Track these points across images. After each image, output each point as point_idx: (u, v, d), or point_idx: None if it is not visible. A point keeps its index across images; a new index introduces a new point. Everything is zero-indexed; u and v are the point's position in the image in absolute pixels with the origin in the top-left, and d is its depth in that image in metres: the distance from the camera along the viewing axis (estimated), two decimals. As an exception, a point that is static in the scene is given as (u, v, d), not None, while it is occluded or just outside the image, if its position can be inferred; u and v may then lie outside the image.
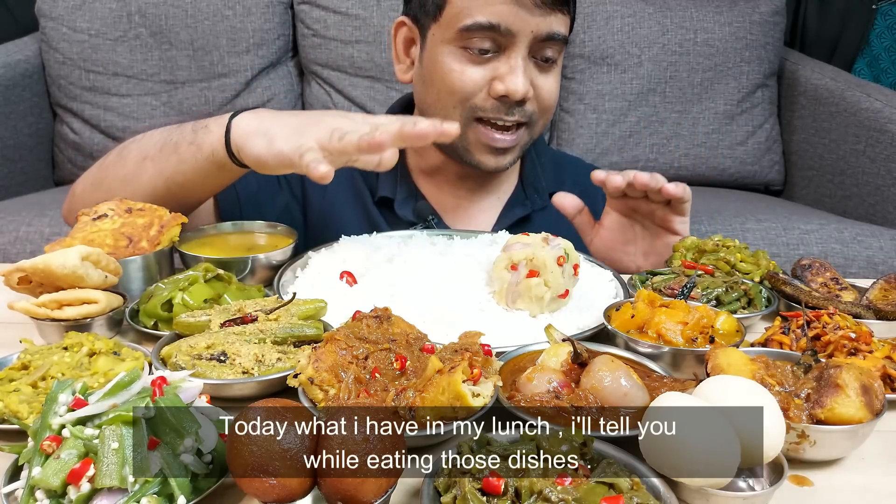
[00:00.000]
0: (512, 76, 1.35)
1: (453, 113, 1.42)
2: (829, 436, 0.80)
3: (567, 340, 0.93)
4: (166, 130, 1.33)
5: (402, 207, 1.54)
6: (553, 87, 1.44)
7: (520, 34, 1.33)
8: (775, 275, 1.25)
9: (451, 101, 1.41)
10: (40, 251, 1.11)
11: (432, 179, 1.60)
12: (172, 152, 1.28)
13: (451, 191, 1.60)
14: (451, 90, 1.40)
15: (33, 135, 2.90)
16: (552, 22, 1.35)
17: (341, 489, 0.65)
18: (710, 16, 3.01)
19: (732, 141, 3.05)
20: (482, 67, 1.38)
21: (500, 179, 1.62)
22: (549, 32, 1.36)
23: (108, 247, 1.19)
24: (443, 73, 1.40)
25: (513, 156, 1.48)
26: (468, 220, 1.59)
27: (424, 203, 1.57)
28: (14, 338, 1.01)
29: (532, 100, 1.41)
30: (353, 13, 2.92)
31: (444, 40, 1.39)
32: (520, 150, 1.48)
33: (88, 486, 0.67)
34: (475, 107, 1.40)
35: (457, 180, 1.59)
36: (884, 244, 2.37)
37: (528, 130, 1.46)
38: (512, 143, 1.44)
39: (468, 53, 1.37)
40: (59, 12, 2.86)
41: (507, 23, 1.33)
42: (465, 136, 1.44)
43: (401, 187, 1.56)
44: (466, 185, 1.59)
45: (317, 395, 0.84)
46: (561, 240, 1.16)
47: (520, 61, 1.35)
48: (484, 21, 1.33)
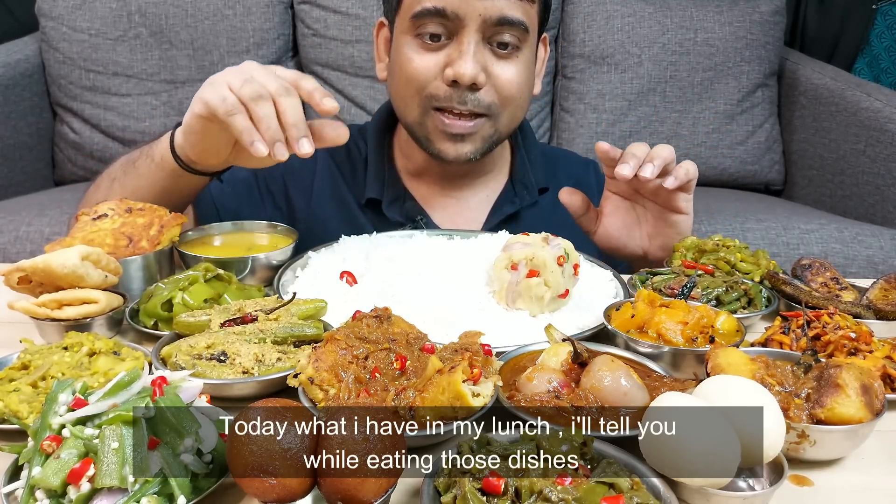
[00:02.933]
0: (460, 60, 1.34)
1: (412, 103, 1.43)
2: (829, 436, 0.80)
3: (567, 340, 0.93)
4: (131, 152, 1.39)
5: (390, 209, 1.54)
6: (512, 76, 1.41)
7: (467, 18, 1.33)
8: (775, 275, 1.25)
9: (409, 90, 1.42)
10: (40, 251, 1.11)
11: (420, 180, 1.60)
12: (132, 170, 1.33)
13: (439, 190, 1.59)
14: (407, 79, 1.41)
15: (33, 135, 2.90)
16: (502, 6, 1.34)
17: (341, 489, 0.65)
18: (710, 15, 3.01)
19: (732, 141, 3.05)
20: (435, 54, 1.38)
21: (487, 177, 1.61)
22: (501, 16, 1.34)
23: (108, 247, 1.19)
24: (401, 62, 1.42)
25: (473, 145, 1.45)
26: (457, 218, 1.58)
27: (413, 203, 1.56)
28: (14, 338, 1.01)
29: (489, 89, 1.39)
30: (353, 13, 2.92)
31: (402, 30, 1.41)
32: (482, 141, 1.45)
33: (88, 485, 0.67)
34: (431, 95, 1.40)
35: (441, 179, 1.59)
36: (884, 244, 2.37)
37: (489, 121, 1.43)
38: (469, 130, 1.42)
39: (422, 41, 1.38)
40: (59, 12, 2.86)
41: (453, 7, 1.33)
42: (425, 126, 1.44)
43: (388, 189, 1.56)
44: (453, 184, 1.59)
45: (317, 395, 0.84)
46: (561, 240, 1.16)
47: (470, 46, 1.35)
48: (430, 7, 1.34)
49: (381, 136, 1.61)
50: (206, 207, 1.52)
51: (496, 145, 1.51)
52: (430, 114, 1.42)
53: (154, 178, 1.29)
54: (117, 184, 1.36)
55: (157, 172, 1.29)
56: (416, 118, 1.44)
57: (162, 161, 1.27)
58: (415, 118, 1.44)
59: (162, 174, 1.28)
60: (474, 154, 1.46)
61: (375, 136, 1.60)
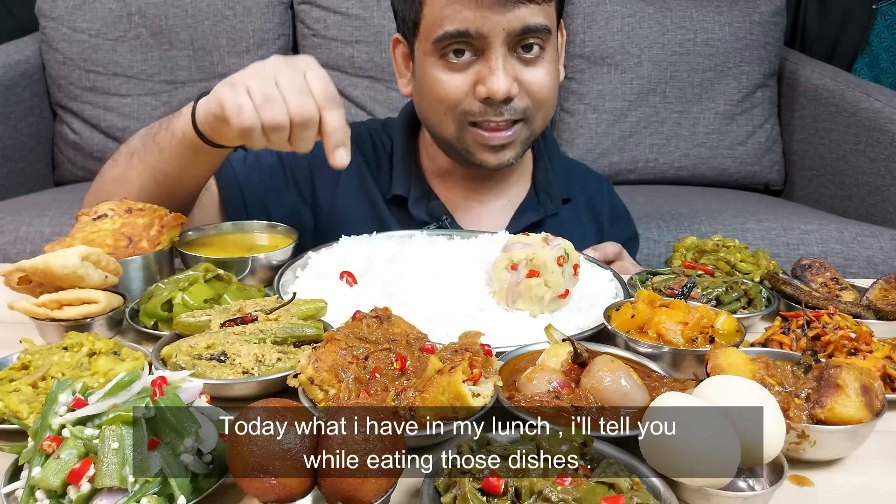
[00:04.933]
0: (492, 77, 1.34)
1: (446, 120, 1.43)
2: (829, 436, 0.80)
3: (567, 340, 0.93)
4: (150, 126, 1.36)
5: (416, 206, 1.55)
6: (543, 79, 1.42)
7: (491, 35, 1.33)
8: (775, 275, 1.25)
9: (442, 109, 1.42)
10: (40, 251, 1.11)
11: (444, 181, 1.61)
12: (153, 144, 1.31)
13: (462, 192, 1.60)
14: (439, 99, 1.41)
15: (33, 135, 2.90)
16: (524, 15, 1.33)
17: (341, 489, 0.65)
18: (710, 16, 3.01)
19: (732, 141, 3.05)
20: (464, 73, 1.38)
21: (510, 181, 1.62)
22: (524, 26, 1.34)
23: (108, 247, 1.19)
24: (430, 84, 1.42)
25: (513, 151, 1.47)
26: (479, 221, 1.59)
27: (438, 203, 1.57)
28: (14, 338, 1.01)
29: (522, 95, 1.40)
30: (353, 13, 2.92)
31: (426, 53, 1.41)
32: (521, 144, 1.47)
33: (88, 486, 0.67)
34: (465, 112, 1.41)
35: (466, 181, 1.59)
36: (884, 244, 2.37)
37: (525, 125, 1.45)
38: (509, 139, 1.44)
39: (448, 62, 1.38)
40: (59, 12, 2.86)
41: (475, 27, 1.32)
42: (464, 140, 1.45)
43: (415, 186, 1.56)
44: (475, 187, 1.59)
45: (317, 395, 0.84)
46: (561, 240, 1.16)
47: (499, 61, 1.35)
48: (453, 30, 1.33)
49: (407, 135, 1.61)
50: (232, 190, 1.51)
51: (532, 144, 1.53)
52: (466, 129, 1.43)
53: (175, 152, 1.28)
54: (136, 158, 1.34)
55: (178, 147, 1.27)
56: (454, 134, 1.44)
57: (183, 136, 1.25)
58: (452, 134, 1.45)
59: (182, 149, 1.27)
60: (515, 158, 1.48)
61: (402, 136, 1.61)
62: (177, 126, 1.26)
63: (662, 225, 2.44)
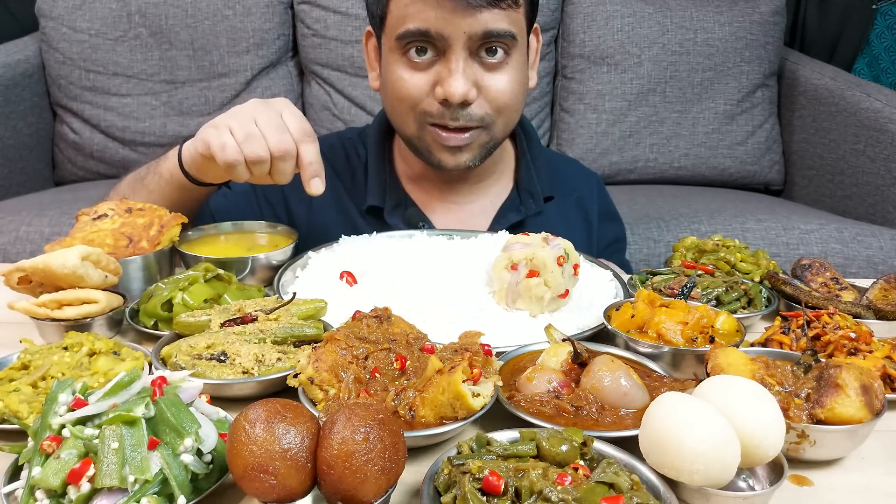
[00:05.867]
0: (450, 79, 1.34)
1: (407, 119, 1.43)
2: (829, 436, 0.80)
3: (567, 340, 0.93)
4: (137, 170, 1.45)
5: (392, 216, 1.54)
6: (504, 85, 1.40)
7: (452, 37, 1.32)
8: (775, 275, 1.25)
9: (402, 107, 1.42)
10: (40, 251, 1.11)
11: (420, 185, 1.60)
12: (141, 186, 1.40)
13: (438, 195, 1.59)
14: (400, 98, 1.41)
15: (33, 135, 2.90)
16: (487, 20, 1.32)
17: (341, 489, 0.65)
18: (710, 16, 3.01)
19: (732, 141, 3.05)
20: (426, 73, 1.38)
21: (488, 182, 1.61)
22: (486, 31, 1.32)
23: (108, 247, 1.19)
24: (392, 81, 1.41)
25: (471, 154, 1.45)
26: (459, 224, 1.58)
27: (415, 209, 1.56)
28: (14, 338, 1.01)
29: (481, 101, 1.39)
30: (353, 13, 2.92)
31: (390, 49, 1.40)
32: (479, 148, 1.46)
33: (88, 485, 0.67)
34: (424, 112, 1.40)
35: (442, 184, 1.58)
36: (884, 244, 2.37)
37: (484, 131, 1.43)
38: (465, 142, 1.42)
39: (410, 60, 1.38)
40: (59, 12, 2.86)
41: (436, 27, 1.31)
42: (423, 139, 1.45)
43: (390, 195, 1.55)
44: (452, 188, 1.59)
45: (317, 395, 0.84)
46: (561, 240, 1.16)
47: (459, 64, 1.34)
48: (414, 28, 1.33)
49: (381, 141, 1.61)
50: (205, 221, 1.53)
51: (494, 150, 1.51)
52: (426, 128, 1.43)
53: (164, 191, 1.37)
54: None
55: (167, 186, 1.36)
56: (414, 132, 1.45)
57: (171, 177, 1.34)
58: (412, 132, 1.45)
59: (171, 188, 1.36)
60: (473, 161, 1.47)
61: (376, 142, 1.60)
62: (164, 168, 1.35)
63: (662, 225, 2.44)
